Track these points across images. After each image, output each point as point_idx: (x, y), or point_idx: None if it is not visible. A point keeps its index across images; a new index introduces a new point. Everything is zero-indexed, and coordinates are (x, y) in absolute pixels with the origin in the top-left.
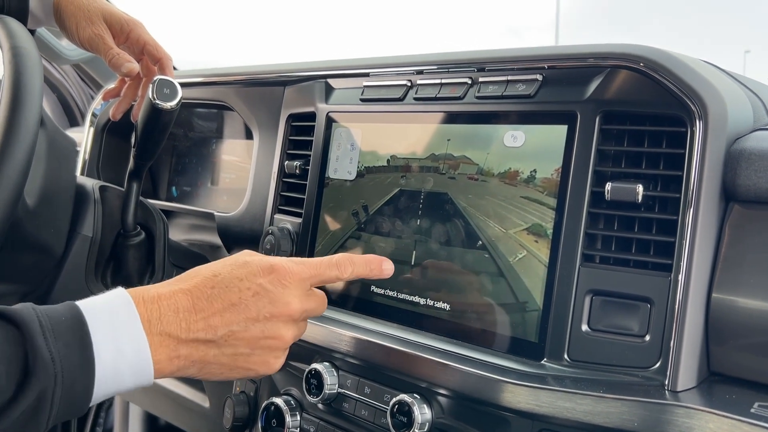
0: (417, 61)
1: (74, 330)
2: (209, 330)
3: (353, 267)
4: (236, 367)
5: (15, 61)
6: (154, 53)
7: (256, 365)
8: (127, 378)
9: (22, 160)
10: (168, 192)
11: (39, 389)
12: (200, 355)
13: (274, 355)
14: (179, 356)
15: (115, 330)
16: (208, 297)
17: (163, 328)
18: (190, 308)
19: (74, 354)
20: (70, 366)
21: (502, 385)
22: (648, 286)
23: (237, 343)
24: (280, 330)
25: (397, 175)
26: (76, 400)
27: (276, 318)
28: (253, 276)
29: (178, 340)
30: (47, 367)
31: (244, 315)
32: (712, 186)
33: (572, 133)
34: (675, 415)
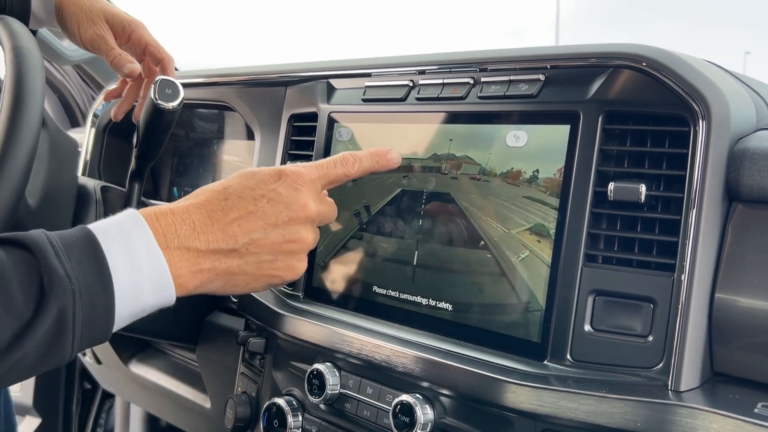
0: (419, 61)
1: (87, 249)
2: (229, 239)
3: (359, 162)
4: (261, 275)
5: (17, 61)
6: (155, 54)
7: (280, 270)
8: (148, 296)
9: (24, 160)
10: (169, 192)
11: (58, 307)
12: (224, 267)
13: (298, 258)
14: (202, 270)
15: (129, 247)
16: (223, 208)
17: (181, 242)
18: (206, 220)
19: (90, 271)
20: (87, 283)
21: (505, 386)
22: (651, 286)
23: (259, 251)
24: (300, 232)
25: (399, 175)
26: (99, 321)
27: (294, 221)
28: (264, 183)
29: (199, 253)
30: (63, 284)
31: (262, 221)
32: (715, 186)
33: (575, 133)
34: (678, 416)
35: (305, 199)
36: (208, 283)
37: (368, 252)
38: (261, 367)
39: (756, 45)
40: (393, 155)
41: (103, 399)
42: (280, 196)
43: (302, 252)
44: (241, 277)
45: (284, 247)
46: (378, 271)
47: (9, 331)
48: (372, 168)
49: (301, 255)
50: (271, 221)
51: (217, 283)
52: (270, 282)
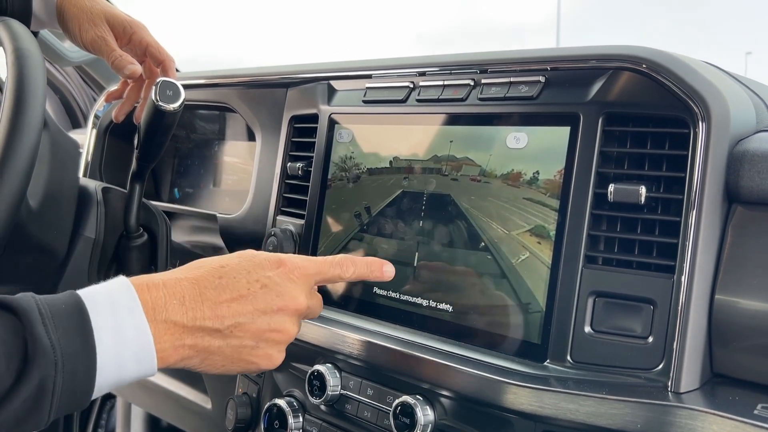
0: (419, 62)
1: (74, 317)
2: (216, 319)
3: (355, 267)
4: (239, 360)
5: (18, 63)
6: (156, 55)
7: (258, 358)
8: (130, 367)
9: (26, 161)
10: (170, 193)
11: (40, 376)
12: (205, 345)
13: (278, 349)
14: (184, 345)
15: (117, 317)
16: (216, 287)
17: (168, 315)
18: (197, 297)
19: (75, 341)
20: (71, 353)
21: (505, 387)
22: (651, 288)
23: (243, 335)
24: (285, 324)
25: (399, 176)
26: (79, 390)
27: (283, 311)
28: (261, 268)
29: (184, 328)
30: (47, 354)
31: (252, 306)
32: (715, 187)
33: (575, 135)
34: (678, 417)
35: (297, 291)
36: (188, 359)
37: (369, 253)
38: None
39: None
40: (387, 268)
41: (104, 399)
42: (274, 283)
43: (283, 343)
44: (218, 358)
45: (267, 336)
46: None
47: None
48: (364, 276)
49: (281, 346)
50: (260, 307)
51: (194, 360)
52: (245, 368)
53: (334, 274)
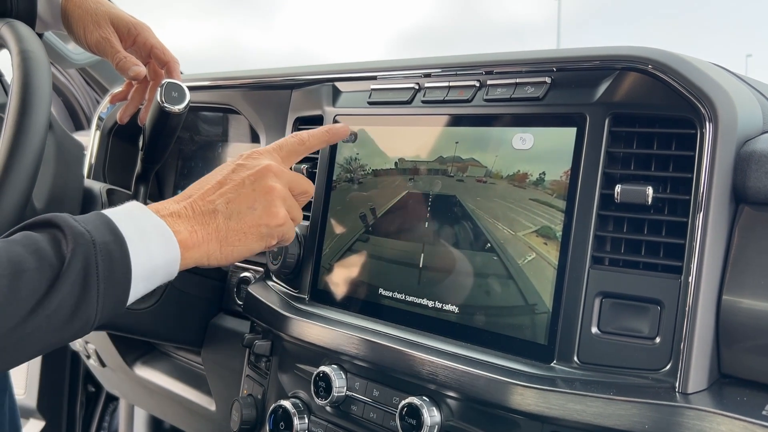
0: (424, 64)
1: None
2: (208, 203)
3: (309, 134)
4: (248, 228)
5: (24, 64)
6: (161, 57)
7: (262, 218)
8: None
9: (31, 163)
10: (173, 195)
11: (83, 255)
12: (213, 227)
13: (273, 204)
14: (195, 230)
15: (133, 217)
16: (199, 187)
17: (170, 211)
18: (186, 196)
19: (104, 233)
20: (104, 241)
21: (512, 388)
22: (658, 288)
23: (237, 207)
24: (267, 182)
25: (404, 177)
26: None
27: (258, 177)
28: (228, 164)
29: (187, 217)
30: (84, 236)
31: (231, 185)
32: (722, 188)
33: (581, 136)
34: (686, 418)
35: (264, 160)
36: (205, 243)
37: (374, 254)
38: (267, 370)
39: (757, 48)
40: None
41: (107, 402)
42: (242, 165)
43: (276, 199)
44: (232, 236)
45: (258, 198)
46: (384, 274)
47: (44, 282)
48: (323, 137)
49: (276, 201)
50: (238, 183)
51: (213, 244)
52: (259, 232)
53: (293, 141)
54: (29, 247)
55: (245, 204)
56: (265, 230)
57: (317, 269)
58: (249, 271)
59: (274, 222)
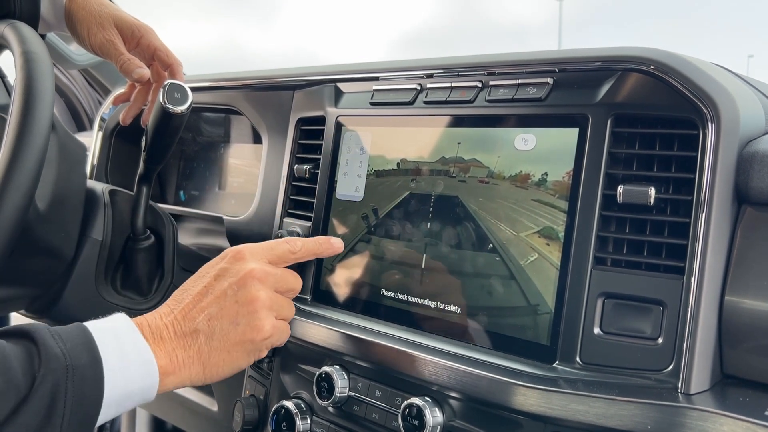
0: (427, 65)
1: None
2: (189, 321)
3: (303, 243)
4: (232, 346)
5: (27, 66)
6: (164, 59)
7: (246, 334)
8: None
9: (34, 164)
10: (176, 196)
11: (53, 381)
12: (195, 349)
13: (257, 317)
14: (175, 354)
15: (117, 336)
16: (181, 300)
17: (152, 330)
18: (168, 311)
19: (82, 354)
20: (80, 365)
21: (514, 388)
22: (660, 289)
23: (219, 323)
24: (250, 292)
25: (406, 178)
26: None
27: (241, 286)
28: (211, 266)
29: (168, 339)
30: (59, 359)
31: (212, 297)
32: (725, 189)
33: (583, 136)
34: (688, 418)
35: (248, 265)
36: (186, 367)
37: (376, 255)
38: (269, 370)
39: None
40: (335, 241)
41: None
42: (225, 270)
43: (260, 311)
44: (216, 356)
45: (241, 311)
46: (386, 274)
47: (8, 405)
48: (314, 250)
49: (260, 314)
50: (220, 294)
51: (195, 368)
52: (245, 349)
53: (284, 248)
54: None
55: (228, 319)
56: (251, 346)
57: (319, 270)
58: None
59: (260, 336)
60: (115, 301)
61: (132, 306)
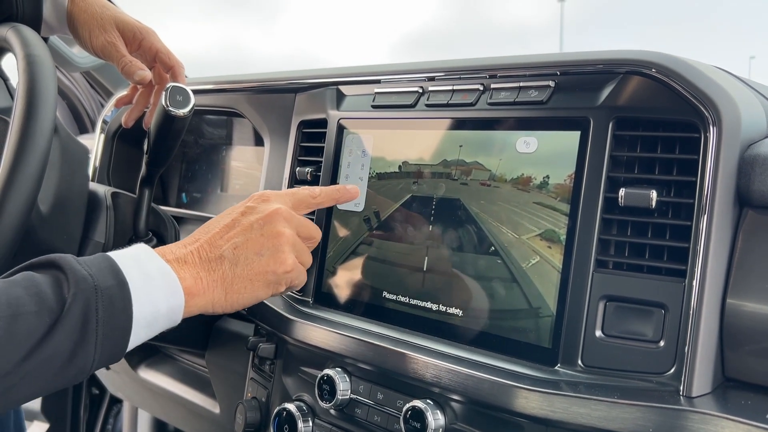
0: (428, 67)
1: (104, 262)
2: (215, 248)
3: (321, 189)
4: (255, 275)
5: (29, 69)
6: (166, 61)
7: (270, 265)
8: (161, 298)
9: (37, 167)
10: (178, 198)
11: (83, 301)
12: (219, 274)
13: (281, 250)
14: (200, 277)
15: (139, 261)
16: (207, 230)
17: (176, 256)
18: (194, 240)
19: (108, 277)
20: (107, 286)
21: (516, 391)
22: (662, 292)
23: (244, 252)
24: (276, 227)
25: (408, 181)
26: (118, 322)
27: (267, 221)
28: (239, 206)
29: (193, 263)
30: (87, 280)
31: (239, 228)
32: (726, 192)
33: (585, 139)
34: (690, 421)
35: (273, 204)
36: (210, 290)
37: (378, 257)
38: (271, 373)
39: (760, 50)
40: (351, 187)
41: (111, 404)
42: (251, 208)
43: (284, 245)
44: (238, 283)
45: (266, 244)
46: (388, 277)
47: (43, 326)
48: (334, 195)
49: (284, 248)
50: (246, 227)
51: (218, 292)
52: (266, 279)
53: (304, 193)
54: (30, 290)
55: (253, 250)
56: (273, 277)
57: (321, 272)
58: None
59: (282, 269)
60: None
61: None
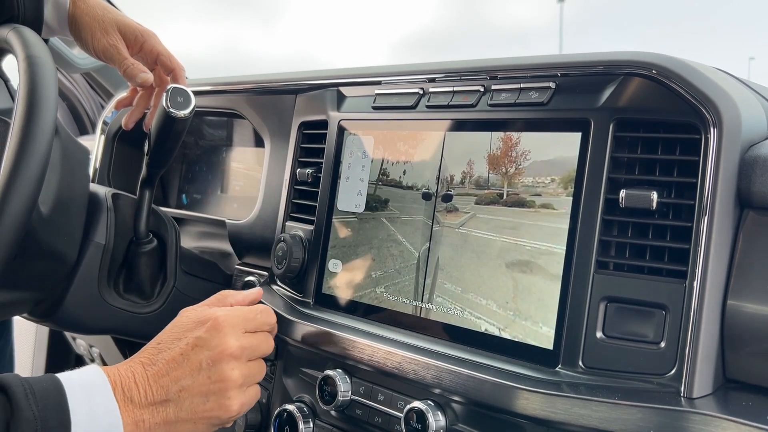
0: (429, 69)
1: (53, 394)
2: (161, 390)
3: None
4: (198, 419)
5: (30, 70)
6: (167, 63)
7: (214, 411)
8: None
9: (37, 169)
10: (178, 200)
11: None
12: (162, 417)
13: (227, 396)
14: (143, 420)
15: (90, 395)
16: (156, 362)
17: (125, 394)
18: (144, 375)
19: (53, 417)
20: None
21: (517, 392)
22: (663, 293)
23: (190, 395)
24: (224, 371)
25: (408, 181)
26: None
27: (217, 362)
28: (189, 332)
29: (139, 405)
30: (30, 424)
31: (188, 367)
32: (727, 193)
33: (586, 141)
34: (691, 422)
35: (226, 340)
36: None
37: (378, 258)
38: (271, 374)
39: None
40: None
41: None
42: (203, 340)
43: (230, 390)
44: (182, 425)
45: (212, 388)
46: (388, 278)
47: None
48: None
49: (230, 393)
50: (195, 366)
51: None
52: (211, 423)
53: (261, 320)
54: None
55: (198, 394)
56: (217, 421)
57: (322, 273)
58: (254, 275)
59: (226, 415)
60: (118, 304)
61: (134, 309)
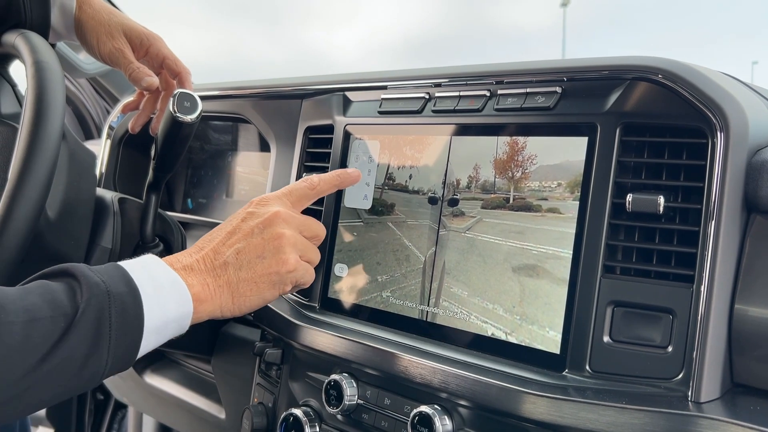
0: (435, 73)
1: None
2: (218, 255)
3: (320, 178)
4: (259, 277)
5: (38, 75)
6: (173, 67)
7: (273, 266)
8: (171, 305)
9: (45, 173)
10: (183, 204)
11: (96, 307)
12: (225, 279)
13: (282, 251)
14: (207, 283)
15: (149, 269)
16: (210, 239)
17: (183, 264)
18: (198, 249)
19: (119, 284)
20: (119, 293)
21: (524, 397)
22: (670, 297)
23: (247, 256)
24: (275, 229)
25: (414, 185)
26: (130, 328)
27: (267, 225)
28: (239, 212)
29: (200, 271)
30: (99, 286)
31: (240, 234)
32: (734, 197)
33: (592, 145)
34: (699, 427)
35: (272, 207)
36: (217, 295)
37: (385, 263)
38: (277, 378)
39: (763, 55)
40: (352, 170)
41: (116, 409)
42: (251, 213)
43: (285, 246)
44: (244, 286)
45: (267, 246)
46: (395, 282)
47: (58, 331)
48: (334, 182)
49: (285, 248)
50: (247, 232)
51: (225, 296)
52: (271, 280)
53: (302, 187)
54: (44, 296)
55: (255, 253)
56: (276, 278)
57: (328, 278)
58: None
59: (285, 269)
60: None
61: None
